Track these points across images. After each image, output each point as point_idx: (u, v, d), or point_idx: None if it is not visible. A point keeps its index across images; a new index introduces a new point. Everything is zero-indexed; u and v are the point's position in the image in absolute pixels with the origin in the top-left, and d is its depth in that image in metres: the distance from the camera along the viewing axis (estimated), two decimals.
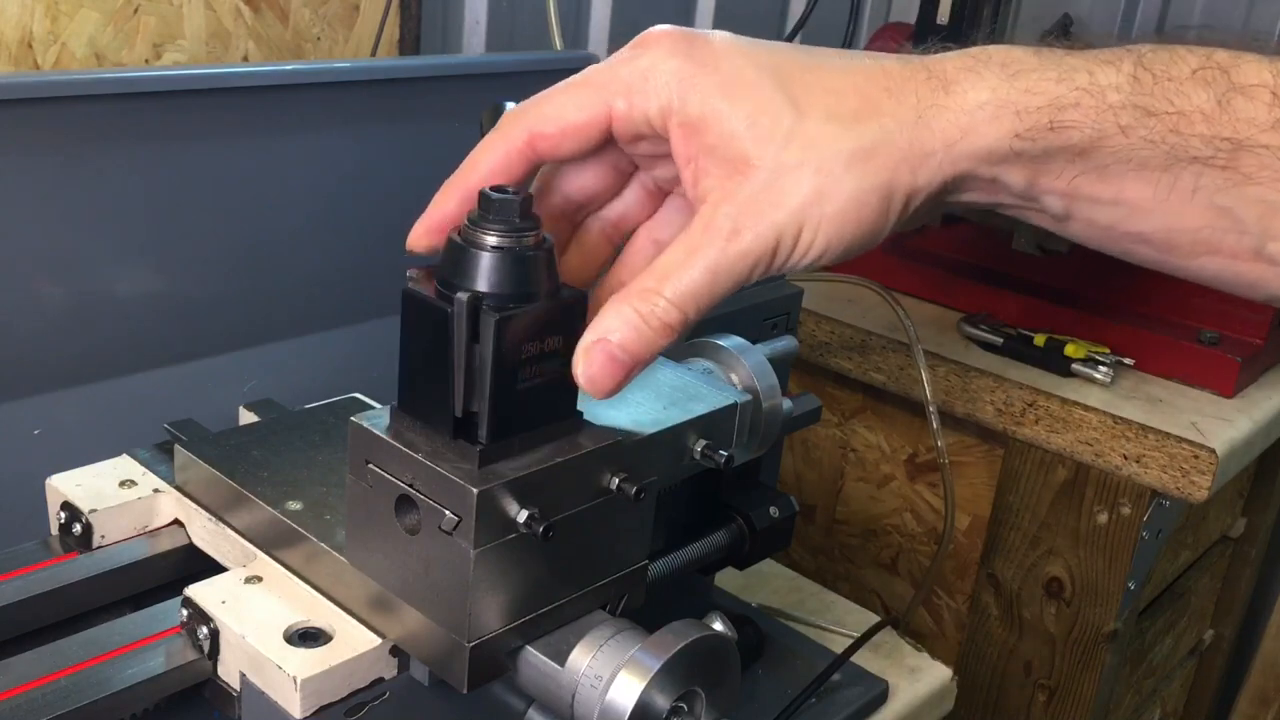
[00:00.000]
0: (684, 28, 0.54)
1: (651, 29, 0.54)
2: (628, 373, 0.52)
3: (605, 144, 0.55)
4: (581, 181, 0.59)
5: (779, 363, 0.76)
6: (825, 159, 0.50)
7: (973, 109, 0.50)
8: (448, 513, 0.54)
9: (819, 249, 0.51)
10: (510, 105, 0.64)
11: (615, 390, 0.52)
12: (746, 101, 0.51)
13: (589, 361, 0.51)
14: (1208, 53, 0.49)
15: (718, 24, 1.66)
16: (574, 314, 0.56)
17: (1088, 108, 0.49)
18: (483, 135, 0.64)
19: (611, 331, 0.51)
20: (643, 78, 0.52)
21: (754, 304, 0.88)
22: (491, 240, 0.53)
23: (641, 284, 0.51)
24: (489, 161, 0.55)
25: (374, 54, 1.42)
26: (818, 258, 0.52)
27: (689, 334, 0.54)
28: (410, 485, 0.56)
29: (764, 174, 0.50)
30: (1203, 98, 0.49)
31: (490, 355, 0.53)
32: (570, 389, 0.57)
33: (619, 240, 0.61)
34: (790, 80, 0.51)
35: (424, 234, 0.56)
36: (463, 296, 0.52)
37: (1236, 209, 0.50)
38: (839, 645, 0.93)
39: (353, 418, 0.58)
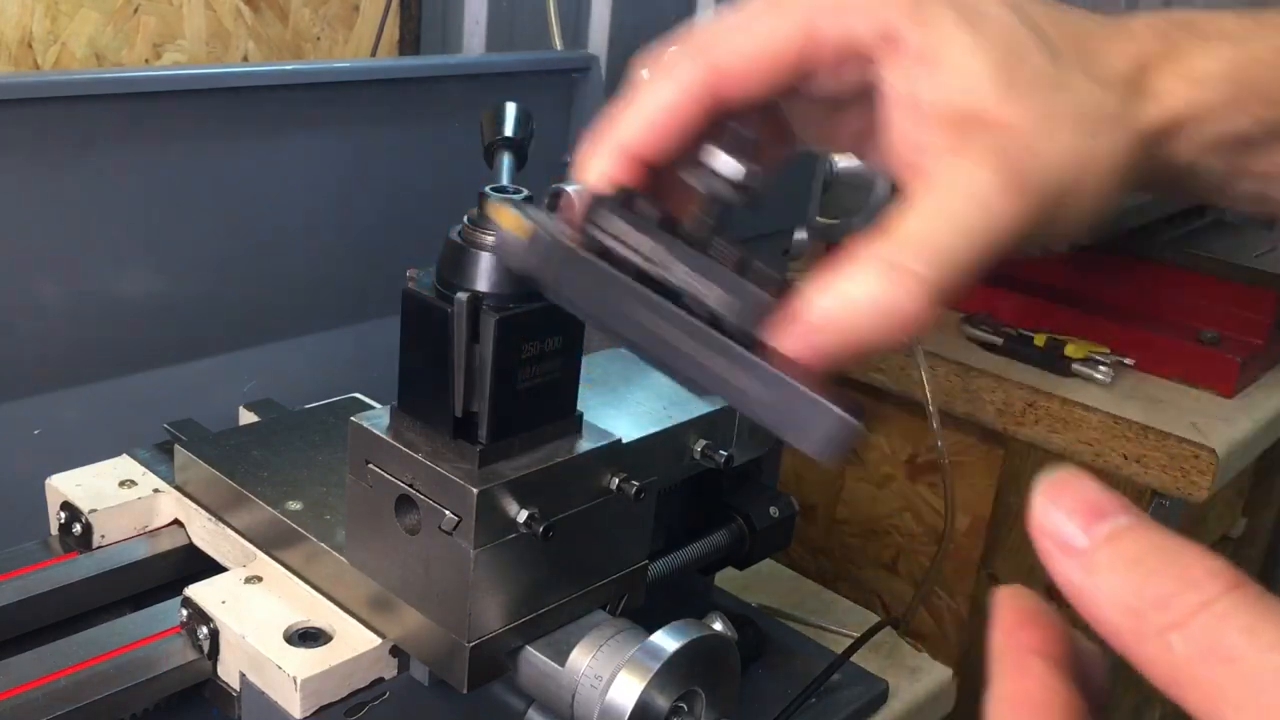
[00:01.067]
0: None
1: None
2: (827, 362, 0.40)
3: (790, 88, 0.43)
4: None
5: None
6: (1086, 116, 0.42)
7: (1199, 79, 0.44)
8: (448, 513, 0.54)
9: (1083, 218, 0.43)
10: (511, 106, 0.64)
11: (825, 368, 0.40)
12: (995, 36, 0.41)
13: (793, 337, 0.39)
14: None
15: None
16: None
17: None
18: (483, 139, 0.63)
19: (839, 308, 0.39)
20: None
21: None
22: (492, 240, 0.53)
23: (881, 249, 0.39)
24: (658, 112, 0.42)
25: (374, 54, 1.42)
26: (1077, 229, 0.44)
27: None
28: (410, 485, 0.56)
29: (1022, 126, 0.40)
30: None
31: (490, 355, 0.53)
32: (570, 389, 0.57)
33: None
34: (1038, 22, 0.43)
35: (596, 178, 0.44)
36: (462, 296, 0.52)
37: None
38: (839, 645, 0.92)
39: (353, 418, 0.58)
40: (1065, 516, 0.27)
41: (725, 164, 0.41)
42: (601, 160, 0.43)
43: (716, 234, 0.41)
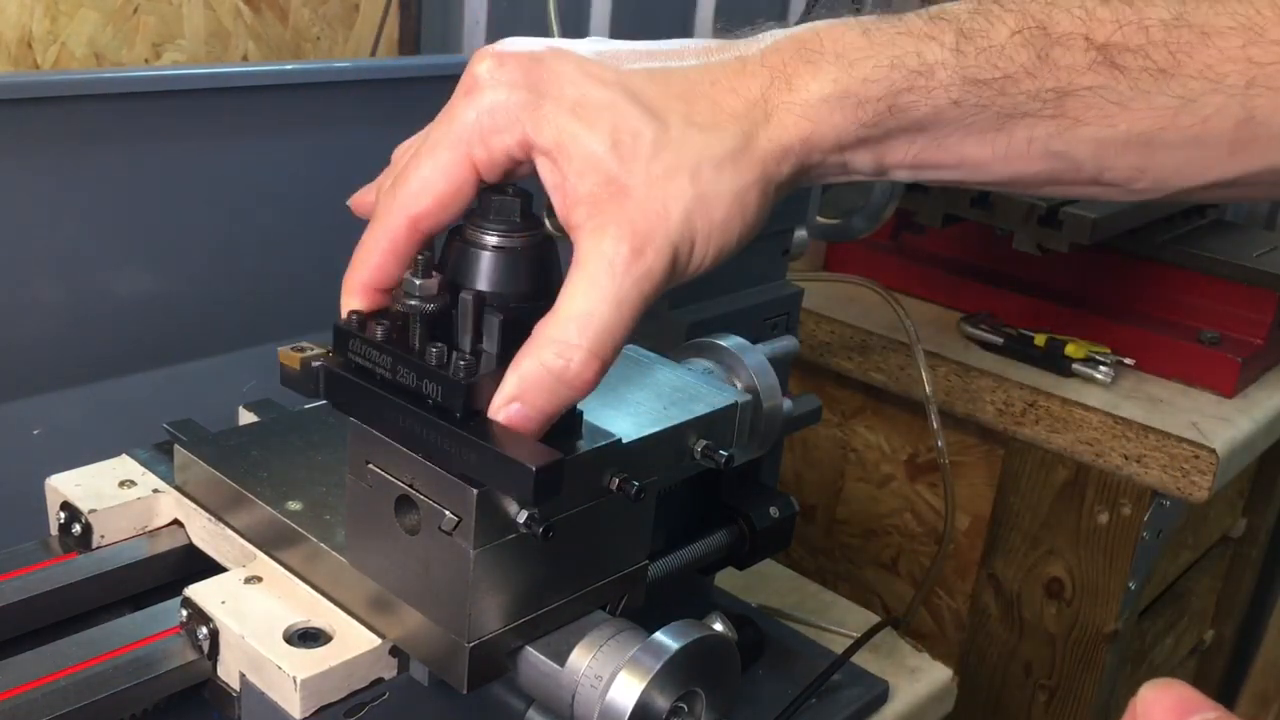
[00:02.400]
0: (516, 49, 0.53)
1: (479, 56, 0.53)
2: (546, 422, 0.51)
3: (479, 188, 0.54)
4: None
5: (779, 363, 0.75)
6: (698, 166, 0.50)
7: (817, 103, 0.52)
8: (448, 513, 0.54)
9: (713, 256, 0.52)
10: None
11: (537, 435, 0.51)
12: (602, 121, 0.50)
13: (509, 417, 0.51)
14: (1022, 8, 0.51)
15: (717, 24, 1.66)
16: None
17: (921, 89, 0.51)
18: None
19: (526, 397, 0.50)
20: (490, 116, 0.51)
21: (754, 304, 0.88)
22: (492, 240, 0.53)
23: (551, 334, 0.50)
24: (378, 255, 0.55)
25: (374, 54, 1.42)
26: (712, 264, 0.53)
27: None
28: (410, 485, 0.56)
29: (640, 190, 0.49)
30: (1024, 56, 0.50)
31: (495, 356, 0.53)
32: None
33: None
34: (640, 93, 0.51)
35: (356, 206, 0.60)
36: (467, 296, 0.52)
37: (1071, 151, 0.52)
38: (839, 645, 0.92)
39: (352, 417, 0.58)
40: (1164, 712, 0.33)
41: (414, 286, 0.52)
42: (352, 297, 0.55)
43: (429, 339, 0.52)
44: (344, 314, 0.55)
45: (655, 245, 0.49)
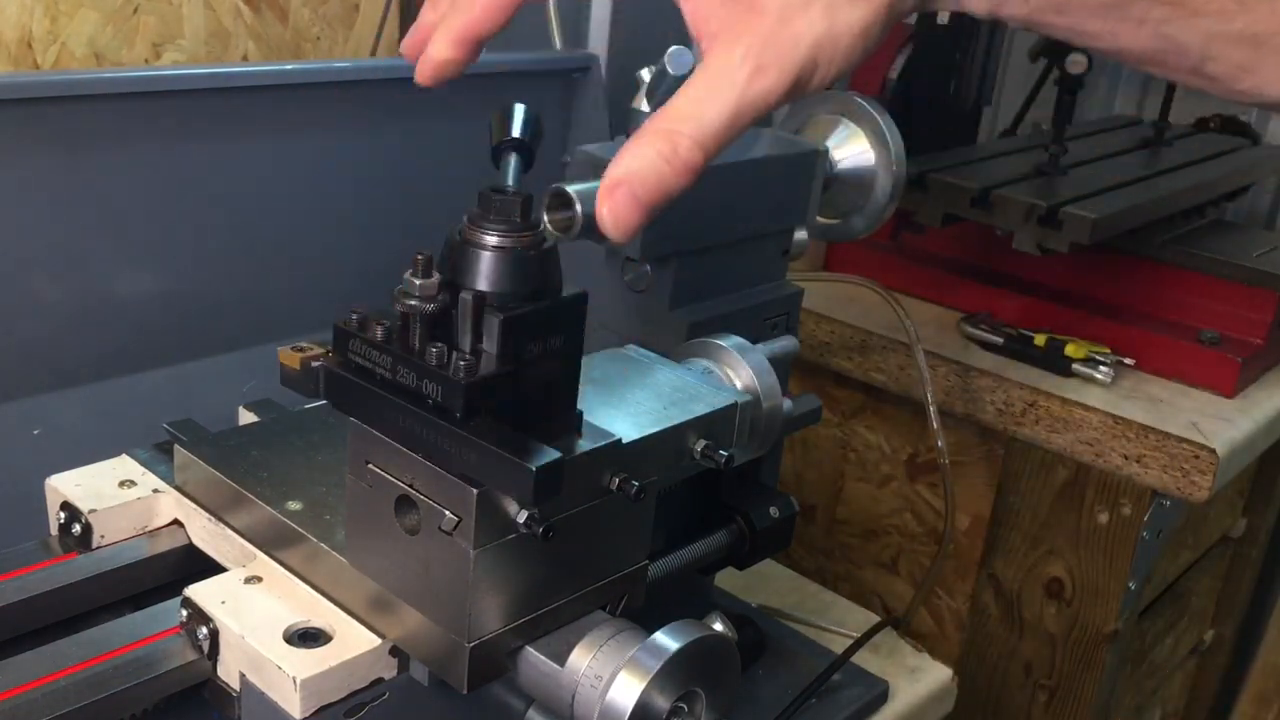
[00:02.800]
0: None
1: None
2: (649, 213, 0.52)
3: None
4: None
5: (779, 363, 0.75)
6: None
7: None
8: (448, 513, 0.54)
9: (830, 79, 0.54)
10: (520, 107, 0.64)
11: (636, 229, 0.52)
12: None
13: (614, 202, 0.51)
14: None
15: None
16: (574, 313, 0.56)
17: None
18: (492, 139, 0.64)
19: (634, 173, 0.51)
20: None
21: (754, 304, 0.88)
22: (492, 240, 0.53)
23: (662, 124, 0.51)
24: (480, 13, 0.59)
25: (374, 54, 1.42)
26: (827, 86, 0.54)
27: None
28: (410, 485, 0.56)
29: (774, 14, 0.51)
30: None
31: (495, 356, 0.53)
32: (570, 388, 0.57)
33: None
34: None
35: (426, 76, 0.60)
36: (467, 296, 0.52)
37: (1180, 37, 0.54)
38: (839, 645, 0.93)
39: (352, 417, 0.58)
40: None
41: (414, 286, 0.52)
42: (450, 47, 0.58)
43: (429, 339, 0.53)
44: (432, 62, 0.57)
45: (779, 67, 0.51)
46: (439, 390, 0.52)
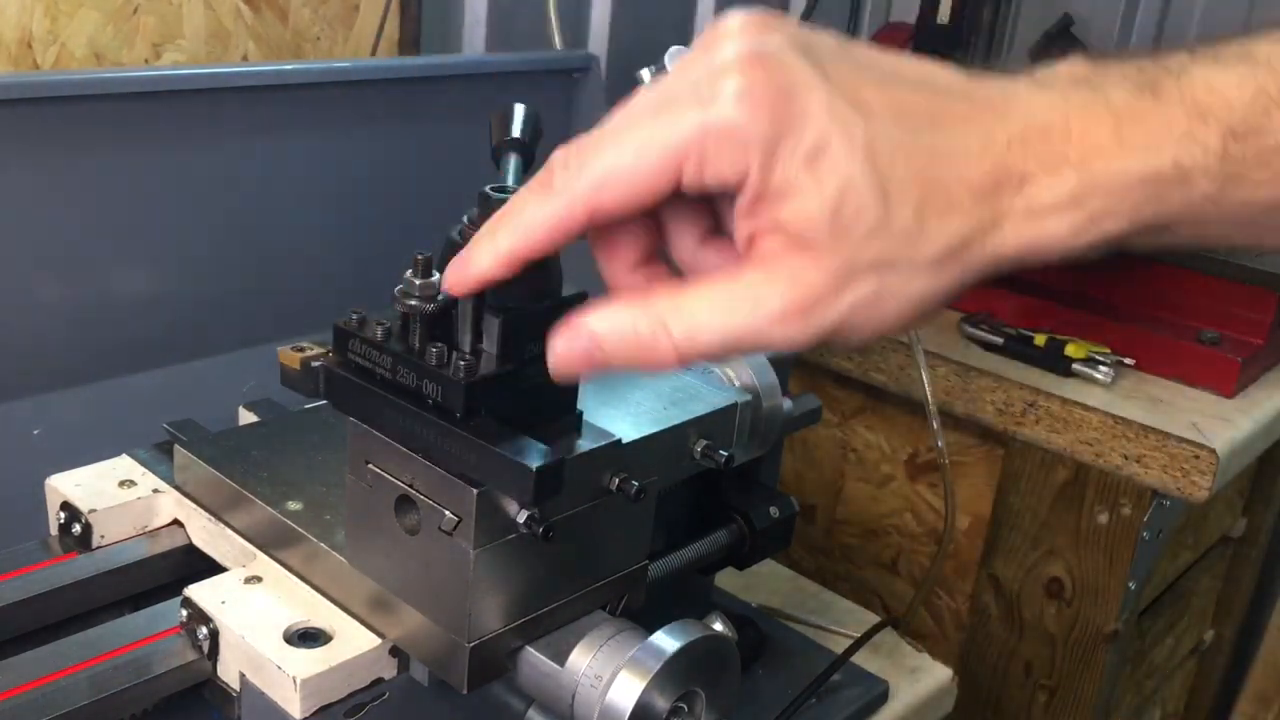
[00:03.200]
0: (769, 50, 0.45)
1: (733, 49, 0.45)
2: (593, 370, 0.48)
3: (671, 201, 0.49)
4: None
5: (779, 363, 0.75)
6: (901, 264, 0.46)
7: (1046, 212, 0.46)
8: (448, 513, 0.54)
9: (858, 343, 0.48)
10: (520, 107, 0.64)
11: (571, 378, 0.49)
12: (831, 184, 0.44)
13: (570, 345, 0.47)
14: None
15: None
16: (574, 313, 0.56)
17: (1174, 199, 0.46)
18: (492, 139, 0.63)
19: (607, 336, 0.47)
20: (717, 145, 0.44)
21: None
22: None
23: (660, 305, 0.46)
24: (543, 232, 0.48)
25: (374, 54, 1.42)
26: (859, 345, 0.50)
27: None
28: (410, 485, 0.56)
29: (834, 268, 0.45)
30: None
31: (495, 355, 0.53)
32: (570, 389, 0.57)
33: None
34: (883, 160, 0.45)
35: (461, 288, 0.50)
36: (467, 300, 0.52)
37: None
38: (839, 645, 0.92)
39: (352, 417, 0.58)
40: None
41: (414, 286, 0.52)
42: (492, 263, 0.48)
43: (429, 339, 0.53)
44: (472, 276, 0.49)
45: (807, 321, 0.46)
46: (439, 390, 0.52)
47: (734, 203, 0.46)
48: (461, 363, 0.51)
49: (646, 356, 0.47)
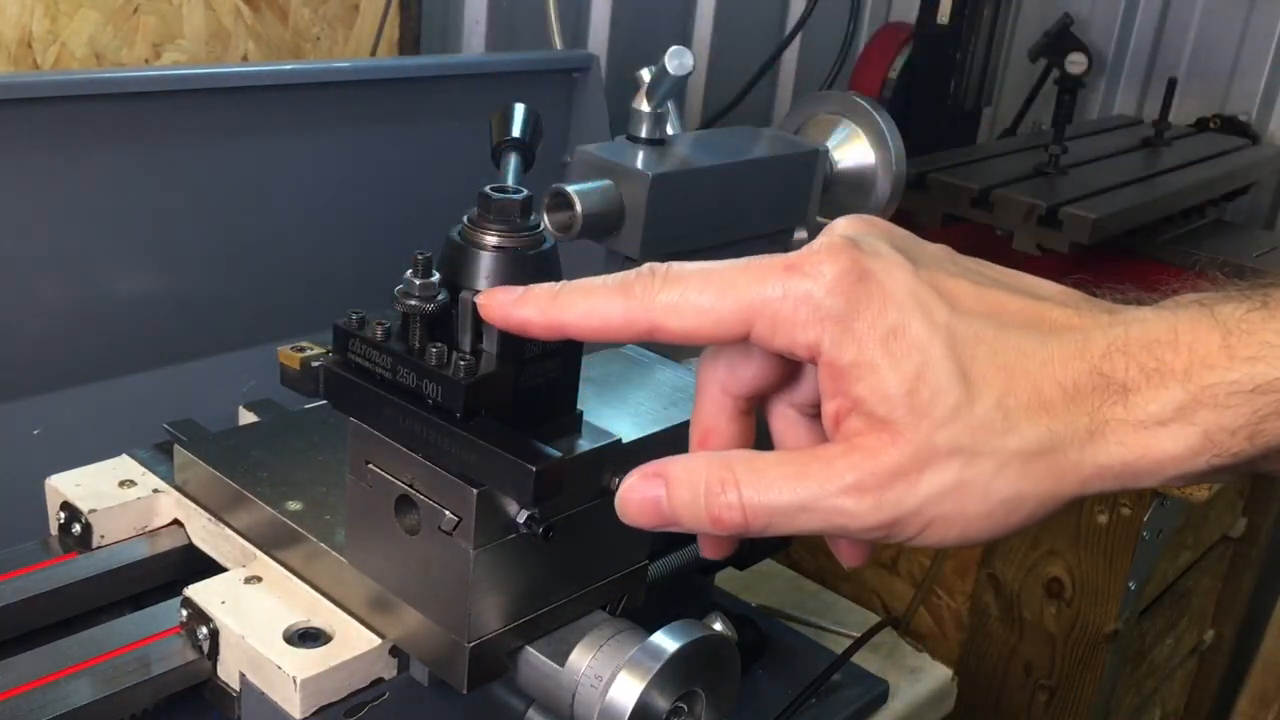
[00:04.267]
0: (859, 251, 0.46)
1: (827, 247, 0.46)
2: (658, 525, 0.47)
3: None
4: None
5: None
6: (984, 453, 0.44)
7: (1154, 427, 0.43)
8: (448, 513, 0.54)
9: (940, 542, 0.46)
10: (520, 107, 0.64)
11: (640, 527, 0.48)
12: (909, 363, 0.44)
13: (639, 492, 0.47)
14: None
15: (717, 24, 1.65)
16: None
17: None
18: (492, 138, 0.64)
19: (678, 485, 0.46)
20: (794, 309, 0.45)
21: None
22: (492, 240, 0.53)
23: (736, 460, 0.46)
24: (598, 323, 0.48)
25: (374, 54, 1.42)
26: (941, 546, 0.47)
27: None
28: (410, 485, 0.56)
29: (911, 448, 0.44)
30: None
31: (495, 356, 0.53)
32: (570, 388, 0.57)
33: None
34: (964, 348, 0.45)
35: (495, 317, 0.50)
36: (468, 295, 0.52)
37: None
38: (839, 645, 0.93)
39: (352, 417, 0.58)
40: None
41: (414, 286, 0.52)
42: (533, 313, 0.49)
43: (429, 339, 0.53)
44: (512, 317, 0.50)
45: (881, 497, 0.44)
46: (439, 390, 0.52)
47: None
48: (461, 363, 0.51)
49: (712, 507, 0.46)
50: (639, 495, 0.47)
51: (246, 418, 0.83)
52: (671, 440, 0.65)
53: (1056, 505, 0.45)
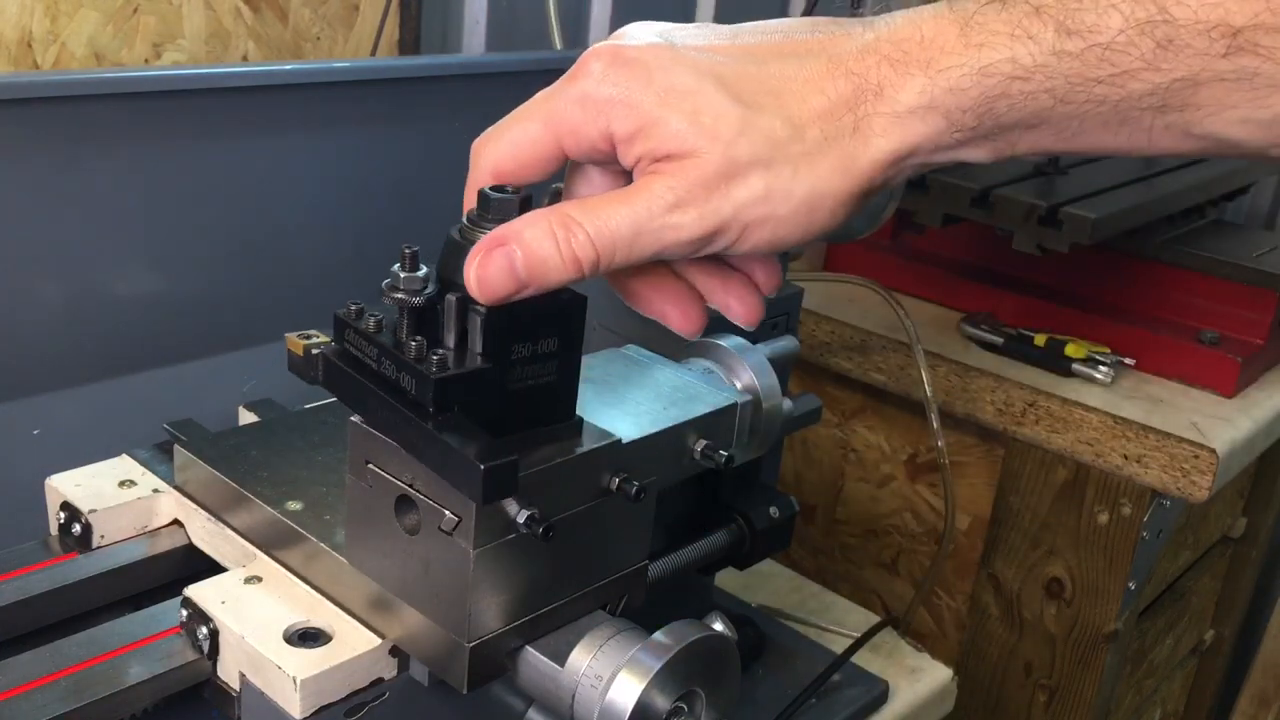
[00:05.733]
0: (620, 43, 0.53)
1: (594, 55, 0.53)
2: (519, 289, 0.51)
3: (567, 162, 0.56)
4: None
5: (779, 363, 0.75)
6: (779, 160, 0.50)
7: (904, 114, 0.50)
8: (448, 513, 0.54)
9: (765, 245, 0.52)
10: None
11: (494, 300, 0.51)
12: (685, 105, 0.50)
13: (485, 260, 0.51)
14: None
15: (718, 22, 1.65)
16: (572, 315, 0.56)
17: (1018, 94, 0.49)
18: None
19: (522, 240, 0.50)
20: (579, 107, 0.52)
21: None
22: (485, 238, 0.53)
23: (567, 210, 0.51)
24: (484, 172, 0.56)
25: (374, 54, 1.42)
26: (763, 251, 0.53)
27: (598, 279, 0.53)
28: (410, 485, 0.56)
29: (714, 163, 0.50)
30: (1142, 48, 0.46)
31: (479, 354, 0.53)
32: (569, 390, 0.57)
33: None
34: (732, 82, 0.51)
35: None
36: (452, 298, 0.52)
37: (1221, 133, 0.48)
38: (839, 645, 0.93)
39: (352, 418, 0.58)
40: None
41: (400, 280, 0.53)
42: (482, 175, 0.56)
43: (416, 333, 0.53)
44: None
45: (700, 211, 0.50)
46: (414, 383, 0.52)
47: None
48: (434, 356, 0.51)
49: (566, 259, 0.50)
50: (494, 266, 0.51)
51: (246, 418, 0.83)
52: (671, 440, 0.65)
53: (851, 200, 0.52)
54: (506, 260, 0.50)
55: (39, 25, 1.15)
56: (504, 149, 0.55)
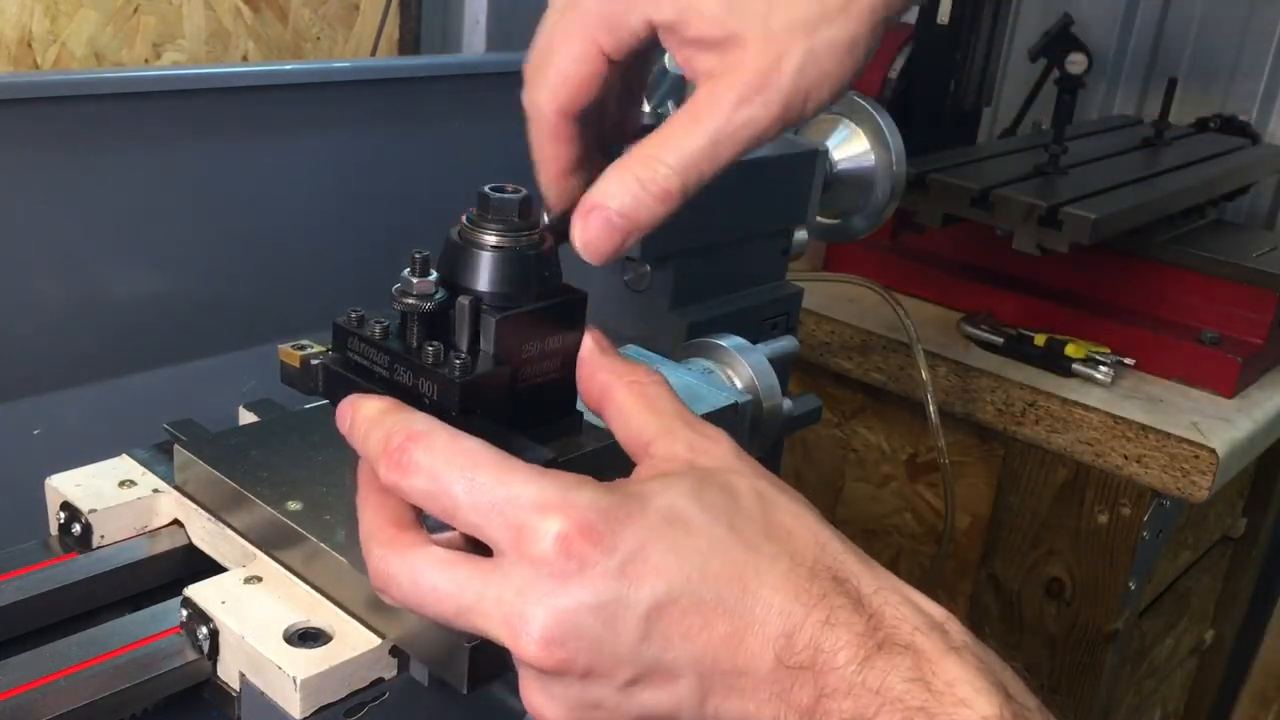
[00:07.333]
0: None
1: None
2: (624, 239, 0.52)
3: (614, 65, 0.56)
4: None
5: (779, 363, 0.75)
6: (811, 19, 0.52)
7: None
8: None
9: (825, 101, 0.54)
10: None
11: (611, 256, 0.52)
12: None
13: (585, 226, 0.52)
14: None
15: None
16: (575, 314, 0.56)
17: None
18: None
19: (610, 197, 0.52)
20: (610, 3, 0.53)
21: (754, 304, 0.88)
22: (491, 240, 0.53)
23: (643, 150, 0.52)
24: (550, 148, 0.56)
25: (374, 54, 1.42)
26: (821, 109, 0.54)
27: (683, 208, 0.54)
28: None
29: (756, 44, 0.51)
30: None
31: (492, 355, 0.53)
32: (571, 389, 0.57)
33: None
34: None
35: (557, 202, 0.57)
36: (464, 300, 0.52)
37: None
38: None
39: None
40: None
41: (411, 285, 0.53)
42: (550, 192, 0.57)
43: (427, 337, 0.53)
44: (547, 212, 0.56)
45: (765, 97, 0.51)
46: (435, 389, 0.52)
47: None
48: (457, 360, 0.51)
49: (656, 196, 0.51)
50: (593, 229, 0.52)
51: (246, 418, 0.83)
52: None
53: (878, 28, 0.53)
54: (602, 218, 0.52)
55: (39, 25, 1.15)
56: (557, 84, 0.55)
